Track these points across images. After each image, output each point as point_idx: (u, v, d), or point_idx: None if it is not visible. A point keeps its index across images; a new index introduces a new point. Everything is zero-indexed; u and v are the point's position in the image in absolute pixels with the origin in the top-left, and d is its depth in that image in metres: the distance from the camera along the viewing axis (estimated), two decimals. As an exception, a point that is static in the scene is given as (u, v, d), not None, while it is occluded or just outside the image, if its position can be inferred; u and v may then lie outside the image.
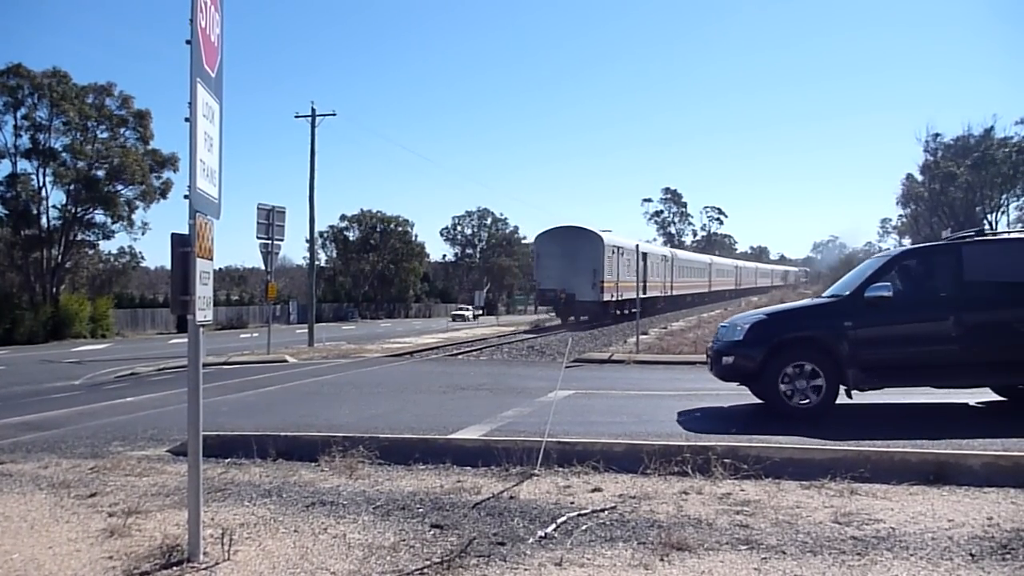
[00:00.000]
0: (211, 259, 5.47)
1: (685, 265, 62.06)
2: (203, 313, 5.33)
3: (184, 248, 5.17)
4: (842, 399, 11.20)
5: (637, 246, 37.42)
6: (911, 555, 5.22)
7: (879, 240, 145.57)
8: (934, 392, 11.80)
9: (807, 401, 11.13)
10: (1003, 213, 48.88)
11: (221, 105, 5.64)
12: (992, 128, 46.54)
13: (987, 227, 43.89)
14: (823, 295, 13.52)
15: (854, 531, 5.77)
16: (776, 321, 11.92)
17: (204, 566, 5.15)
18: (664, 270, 54.46)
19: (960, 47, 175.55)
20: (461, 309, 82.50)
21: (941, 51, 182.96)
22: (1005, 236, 13.11)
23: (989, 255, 11.62)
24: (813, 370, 11.12)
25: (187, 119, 5.14)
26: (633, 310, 34.88)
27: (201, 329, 5.40)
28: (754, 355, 11.43)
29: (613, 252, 43.29)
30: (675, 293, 56.75)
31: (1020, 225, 67.38)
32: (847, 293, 11.69)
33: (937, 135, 50.30)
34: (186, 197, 5.20)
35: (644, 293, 40.31)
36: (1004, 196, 44.99)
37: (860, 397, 11.44)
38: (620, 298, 44.39)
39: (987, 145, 44.19)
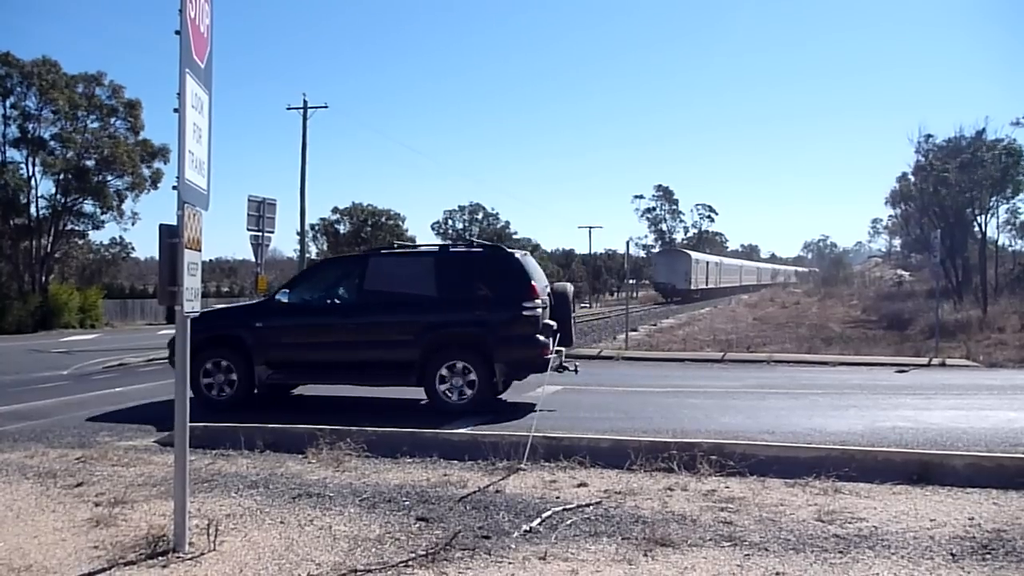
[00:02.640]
0: (199, 250, 5.47)
1: (727, 268, 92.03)
2: (191, 304, 5.33)
3: (172, 239, 5.17)
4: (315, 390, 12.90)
5: (706, 261, 78.59)
6: (893, 554, 5.27)
7: (870, 240, 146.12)
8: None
9: (224, 393, 12.13)
10: (992, 215, 49.02)
11: (210, 96, 5.63)
12: (983, 130, 46.66)
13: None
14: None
15: (837, 529, 5.81)
16: (206, 319, 11.76)
17: (190, 556, 5.16)
18: (716, 271, 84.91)
19: (953, 49, 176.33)
20: None
21: (934, 52, 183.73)
22: (400, 250, 14.00)
23: (386, 267, 12.57)
24: (228, 365, 12.08)
25: (176, 110, 5.14)
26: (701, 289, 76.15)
27: (189, 320, 5.40)
28: None
29: (696, 262, 75.83)
30: (721, 286, 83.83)
31: (1010, 228, 67.87)
32: (273, 296, 12.73)
33: (929, 136, 50.36)
34: (174, 188, 5.20)
35: (705, 285, 77.85)
36: (993, 198, 45.06)
37: (319, 389, 13.26)
38: (697, 287, 74.84)
39: (977, 147, 44.28)
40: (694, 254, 79.64)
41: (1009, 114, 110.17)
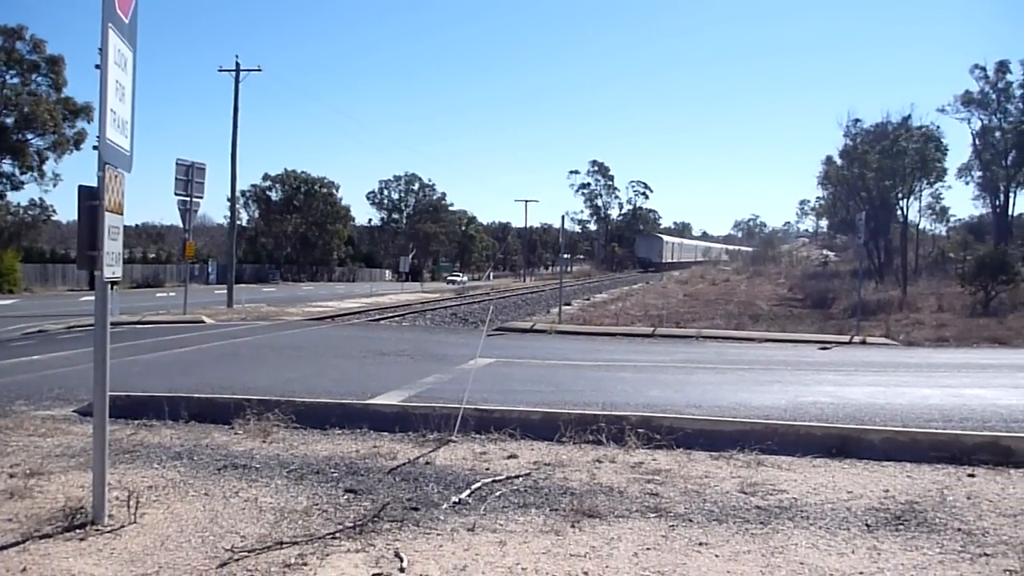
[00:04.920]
0: (121, 213, 5.28)
1: (686, 247, 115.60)
2: (111, 269, 5.15)
3: (92, 201, 4.97)
4: None
5: (673, 242, 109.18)
6: (811, 524, 5.41)
7: (798, 220, 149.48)
8: None
9: None
10: (915, 200, 50.56)
11: (135, 53, 5.41)
12: (909, 117, 48.04)
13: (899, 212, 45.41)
14: None
15: (759, 501, 5.95)
16: None
17: (109, 529, 5.03)
18: (680, 249, 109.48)
19: (884, 33, 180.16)
20: (454, 274, 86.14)
21: (865, 35, 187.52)
22: None
23: None
24: None
25: (98, 66, 4.93)
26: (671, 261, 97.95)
27: (111, 286, 5.23)
28: None
29: (666, 242, 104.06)
30: (683, 260, 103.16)
31: (931, 213, 70.06)
32: None
33: (857, 120, 51.64)
34: (95, 148, 5.00)
35: (672, 260, 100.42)
36: (916, 184, 46.47)
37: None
38: (666, 261, 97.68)
39: (902, 133, 45.52)
40: (666, 237, 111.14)
41: (936, 100, 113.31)
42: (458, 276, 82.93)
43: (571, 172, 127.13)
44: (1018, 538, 5.17)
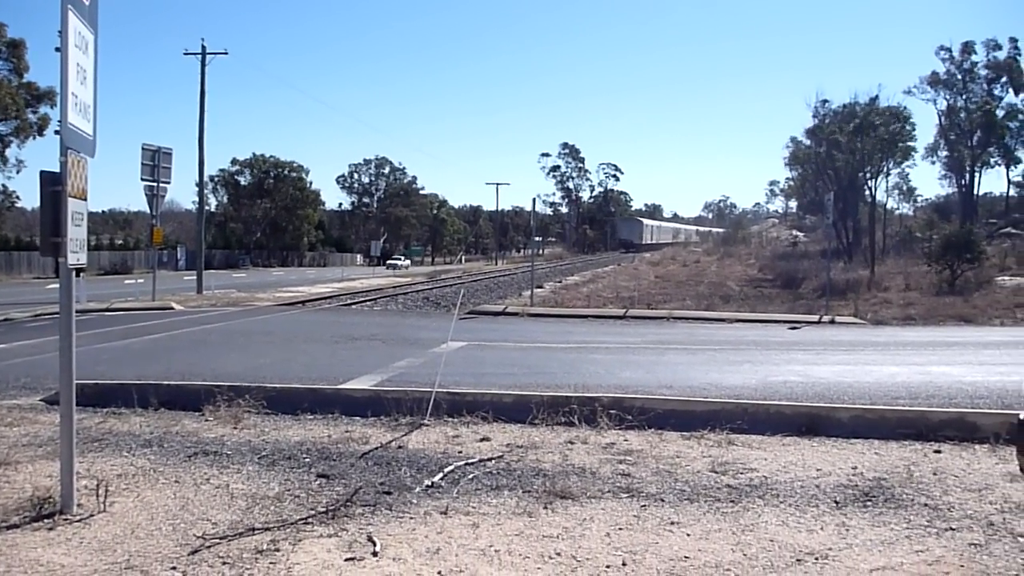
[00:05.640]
0: (85, 199, 5.20)
1: (664, 229, 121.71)
2: (76, 256, 5.07)
3: (55, 187, 4.89)
4: None
5: (652, 225, 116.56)
6: (781, 502, 5.48)
7: (767, 201, 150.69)
8: None
9: None
10: (883, 179, 51.16)
11: (96, 36, 5.31)
12: (877, 97, 48.52)
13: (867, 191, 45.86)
14: None
15: (730, 480, 6.01)
16: None
17: (78, 518, 4.98)
18: (662, 232, 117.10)
19: (852, 14, 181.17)
20: (395, 258, 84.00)
21: (833, 16, 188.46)
22: None
23: None
24: None
25: (58, 49, 4.84)
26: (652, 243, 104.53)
27: (77, 273, 5.16)
28: None
29: (646, 225, 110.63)
30: (660, 242, 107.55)
31: (898, 192, 70.87)
32: None
33: (825, 101, 52.10)
34: (57, 133, 4.91)
35: (651, 241, 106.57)
36: (883, 162, 46.99)
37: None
38: (645, 243, 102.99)
39: (870, 113, 45.96)
40: (645, 220, 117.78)
41: (903, 82, 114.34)
42: (400, 260, 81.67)
43: (542, 155, 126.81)
44: (983, 512, 5.27)
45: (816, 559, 4.45)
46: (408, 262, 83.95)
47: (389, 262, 79.25)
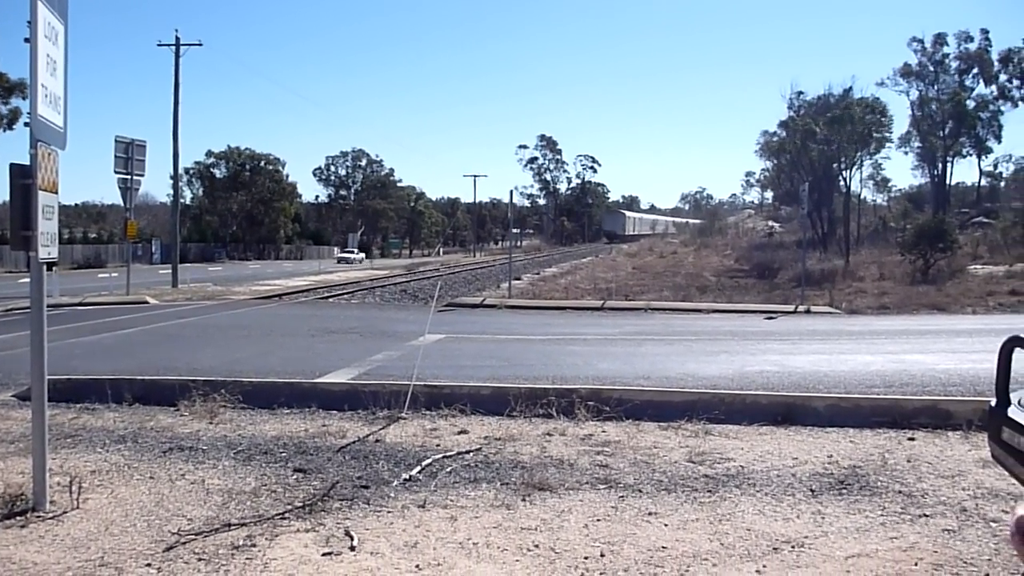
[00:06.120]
0: (56, 192, 5.13)
1: (645, 221, 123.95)
2: (47, 250, 5.01)
3: (24, 180, 4.81)
4: None
5: (634, 216, 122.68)
6: (758, 491, 5.51)
7: (743, 192, 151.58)
8: None
9: None
10: (858, 168, 51.61)
11: (66, 26, 5.23)
12: (851, 89, 48.98)
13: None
14: None
15: (707, 470, 6.04)
16: None
17: (51, 515, 4.92)
18: (642, 223, 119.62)
19: (828, 4, 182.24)
20: (347, 251, 75.02)
21: (809, 6, 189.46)
22: None
23: None
24: None
25: (27, 40, 4.77)
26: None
27: (49, 267, 5.09)
28: None
29: (628, 217, 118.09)
30: (642, 233, 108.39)
31: (872, 183, 71.48)
32: None
33: (800, 93, 52.54)
34: (27, 125, 4.84)
35: (633, 232, 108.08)
36: (858, 153, 47.39)
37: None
38: (628, 234, 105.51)
39: (845, 104, 46.33)
40: (628, 212, 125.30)
41: (877, 72, 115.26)
42: (352, 253, 72.87)
43: (520, 147, 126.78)
44: (956, 499, 5.33)
45: (792, 547, 4.48)
46: (363, 255, 75.75)
47: (340, 256, 72.26)
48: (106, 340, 14.83)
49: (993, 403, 4.38)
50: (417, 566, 4.22)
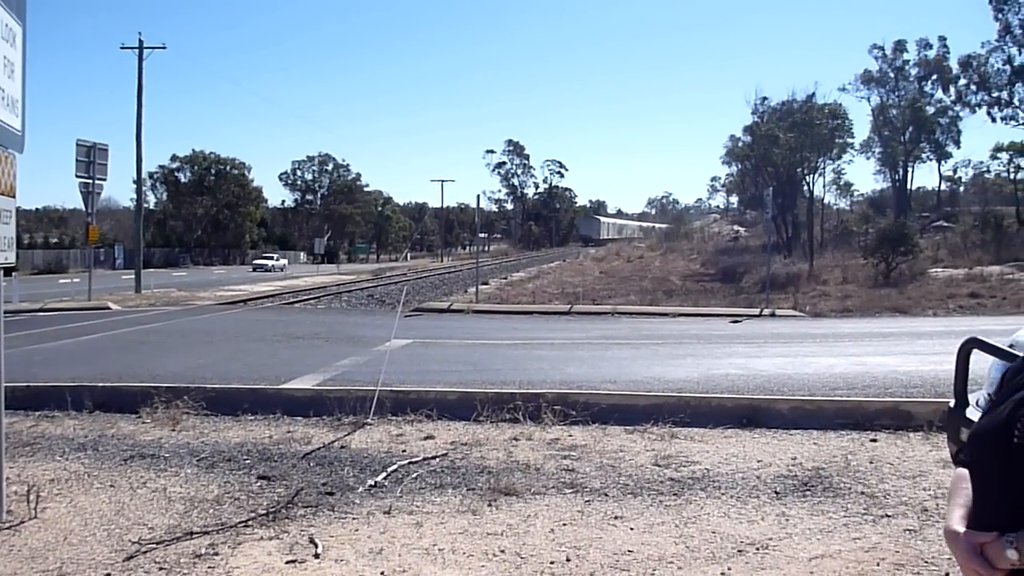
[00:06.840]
0: (13, 196, 5.05)
1: (617, 226, 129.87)
2: (4, 255, 4.93)
3: (-20, 184, 4.74)
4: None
5: (607, 222, 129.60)
6: (723, 494, 5.55)
7: (709, 197, 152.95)
8: None
9: None
10: (820, 175, 52.27)
11: (25, 28, 5.16)
12: (813, 95, 49.56)
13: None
14: None
15: (672, 473, 6.06)
16: None
17: (7, 525, 4.83)
18: (614, 228, 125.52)
19: (790, 9, 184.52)
20: (265, 257, 68.01)
21: (772, 11, 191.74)
22: None
23: None
24: None
25: (-18, 42, 4.68)
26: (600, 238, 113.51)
27: (7, 272, 5.00)
28: None
29: (602, 222, 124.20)
30: (615, 237, 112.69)
31: (835, 187, 72.49)
32: None
33: (765, 99, 53.08)
34: (-18, 128, 4.75)
35: (607, 237, 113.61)
36: (821, 158, 48.00)
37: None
38: (602, 238, 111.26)
39: (807, 110, 46.88)
40: (602, 218, 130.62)
41: (839, 78, 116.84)
42: (271, 259, 66.02)
43: (487, 151, 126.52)
44: (917, 499, 5.40)
45: (757, 549, 4.51)
46: (284, 262, 68.38)
47: (256, 263, 65.31)
48: (67, 346, 14.59)
49: (952, 404, 4.45)
50: (382, 573, 4.19)
